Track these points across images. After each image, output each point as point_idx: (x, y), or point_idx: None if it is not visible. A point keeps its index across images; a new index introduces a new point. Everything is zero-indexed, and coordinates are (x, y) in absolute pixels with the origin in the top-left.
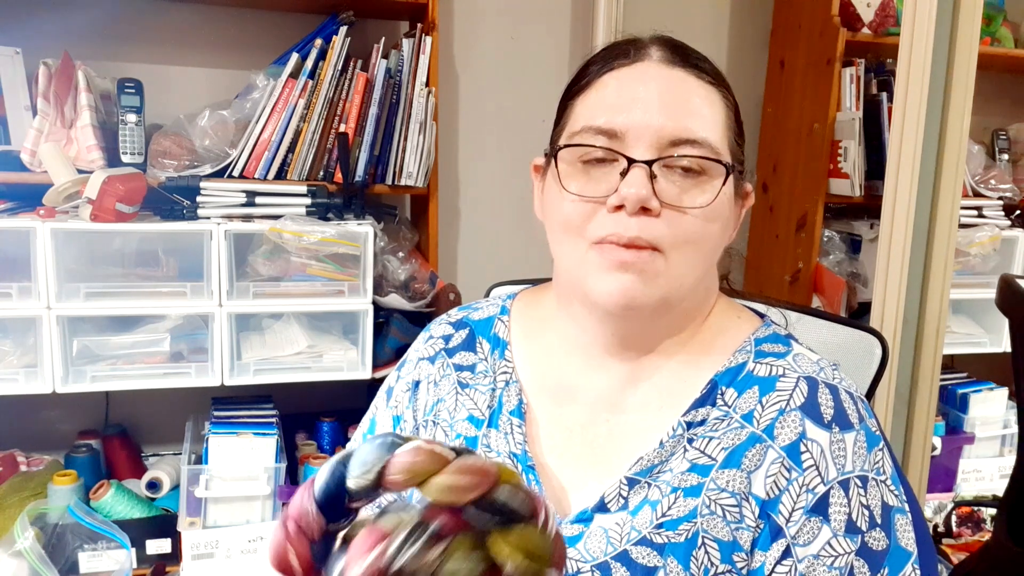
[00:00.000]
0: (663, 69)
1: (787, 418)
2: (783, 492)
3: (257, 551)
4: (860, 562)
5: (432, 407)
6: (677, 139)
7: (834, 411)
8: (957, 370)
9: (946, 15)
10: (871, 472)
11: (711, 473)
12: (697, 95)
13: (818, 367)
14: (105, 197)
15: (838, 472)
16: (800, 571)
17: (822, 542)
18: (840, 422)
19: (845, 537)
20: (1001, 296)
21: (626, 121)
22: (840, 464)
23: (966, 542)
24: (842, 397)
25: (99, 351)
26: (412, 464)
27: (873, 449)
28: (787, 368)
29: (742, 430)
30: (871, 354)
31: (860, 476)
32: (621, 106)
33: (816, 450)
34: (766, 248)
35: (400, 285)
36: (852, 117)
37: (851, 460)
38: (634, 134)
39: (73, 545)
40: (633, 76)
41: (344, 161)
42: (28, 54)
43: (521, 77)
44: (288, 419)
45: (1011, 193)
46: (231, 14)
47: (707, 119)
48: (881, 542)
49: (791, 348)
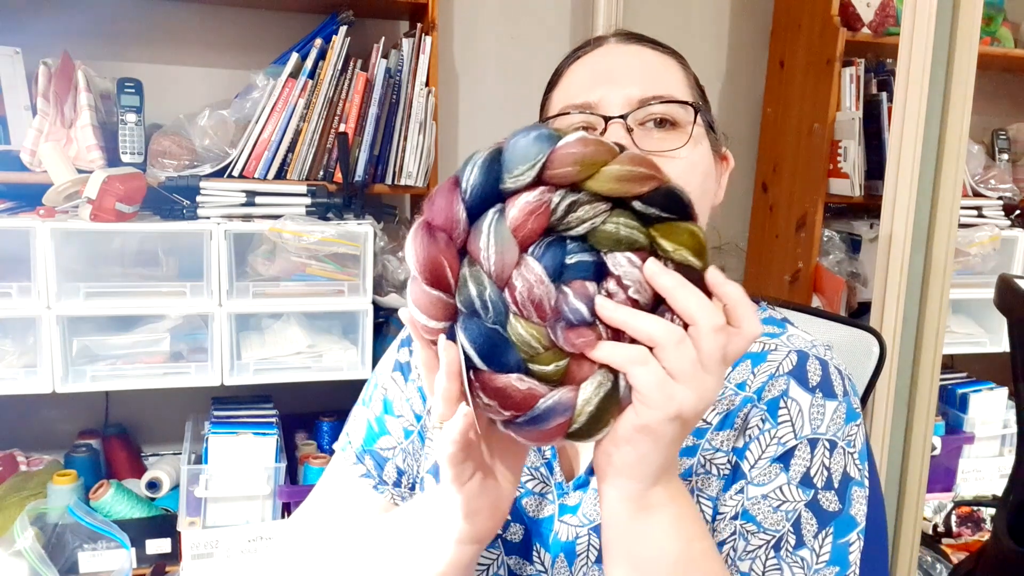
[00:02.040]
0: (621, 46)
1: (776, 381)
2: (753, 440)
3: (257, 551)
4: (808, 515)
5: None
6: (645, 97)
7: (821, 379)
8: (957, 370)
9: (946, 15)
10: (841, 441)
11: (706, 435)
12: (656, 61)
13: (811, 344)
14: (105, 197)
15: (811, 431)
16: (745, 507)
17: (775, 486)
18: (824, 390)
19: (798, 487)
20: (1000, 296)
21: (597, 93)
22: (815, 425)
23: (966, 542)
24: (830, 370)
25: (99, 351)
26: (582, 155)
27: (850, 423)
28: (779, 344)
29: (736, 396)
30: (869, 353)
31: (830, 440)
32: (590, 82)
33: (795, 408)
34: (766, 248)
35: (400, 285)
36: (852, 117)
37: (826, 425)
38: (606, 102)
39: (73, 545)
40: (596, 57)
41: (344, 161)
42: (28, 54)
43: (521, 77)
44: (288, 419)
45: (1011, 193)
46: (231, 14)
47: (668, 79)
48: (833, 504)
49: (785, 330)
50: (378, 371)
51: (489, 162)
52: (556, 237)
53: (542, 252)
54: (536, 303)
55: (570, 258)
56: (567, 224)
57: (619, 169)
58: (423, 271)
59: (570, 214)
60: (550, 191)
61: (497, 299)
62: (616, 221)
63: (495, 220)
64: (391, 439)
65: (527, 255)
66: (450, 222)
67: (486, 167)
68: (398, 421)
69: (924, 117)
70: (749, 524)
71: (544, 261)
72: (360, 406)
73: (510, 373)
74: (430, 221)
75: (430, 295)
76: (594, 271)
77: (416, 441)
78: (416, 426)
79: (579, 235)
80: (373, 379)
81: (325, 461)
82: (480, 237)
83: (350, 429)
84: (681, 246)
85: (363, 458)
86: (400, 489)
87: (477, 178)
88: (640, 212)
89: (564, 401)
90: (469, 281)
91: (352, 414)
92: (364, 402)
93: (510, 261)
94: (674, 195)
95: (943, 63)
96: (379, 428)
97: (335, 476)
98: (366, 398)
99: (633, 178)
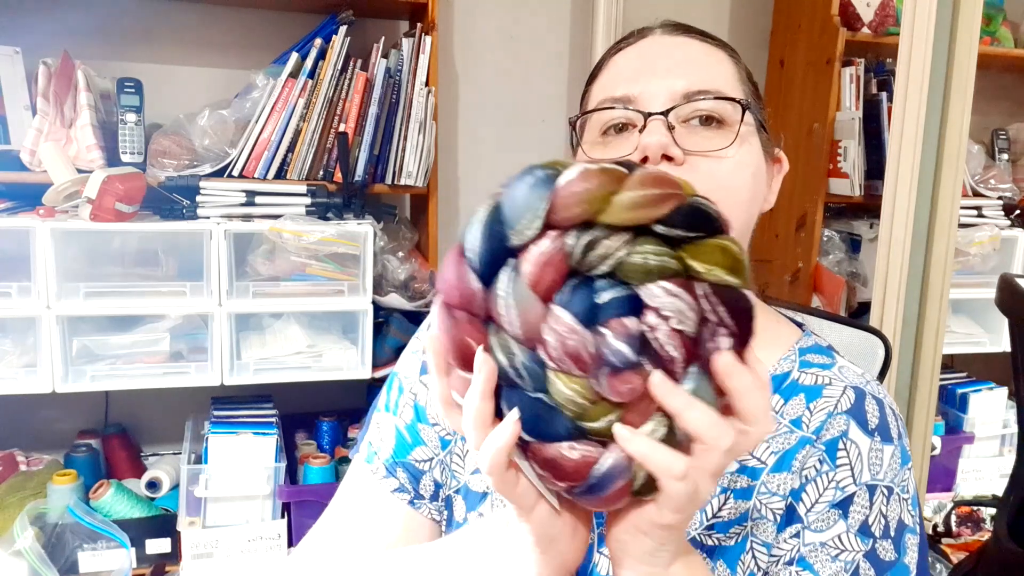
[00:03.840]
0: (667, 37)
1: (834, 420)
2: (810, 482)
3: (257, 551)
4: (867, 565)
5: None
6: (689, 92)
7: (879, 421)
8: (957, 370)
9: (946, 15)
10: (897, 487)
11: (761, 476)
12: (704, 53)
13: (863, 379)
14: (105, 197)
15: (871, 477)
16: (802, 553)
17: (834, 534)
18: (882, 433)
19: (857, 536)
20: (1001, 296)
21: (638, 86)
22: (874, 471)
23: (965, 542)
24: (887, 411)
25: (99, 351)
26: (586, 191)
27: (904, 467)
28: (833, 378)
29: (791, 435)
30: (874, 354)
31: (887, 486)
32: (632, 75)
33: (854, 451)
34: (766, 247)
35: (400, 285)
36: (852, 117)
37: (884, 470)
38: (647, 95)
39: (73, 545)
40: (640, 49)
41: (344, 161)
42: (28, 53)
43: (521, 77)
44: (288, 419)
45: (1011, 193)
46: (231, 14)
47: (717, 72)
48: (890, 553)
49: (835, 360)
50: (401, 373)
51: (490, 223)
52: (581, 279)
53: (569, 298)
54: (573, 355)
55: (600, 297)
56: (589, 264)
57: (631, 196)
58: (454, 357)
59: (589, 254)
60: (562, 235)
61: (531, 363)
62: (642, 251)
63: (510, 281)
64: (427, 450)
65: (553, 304)
66: (466, 298)
67: (487, 229)
68: (433, 430)
69: (924, 117)
70: (806, 572)
71: (573, 307)
72: (383, 412)
73: (560, 441)
74: (447, 301)
75: (468, 380)
76: (630, 305)
77: (457, 450)
78: (454, 435)
79: (605, 272)
80: (395, 382)
81: (325, 461)
82: (499, 302)
83: (374, 438)
84: (714, 265)
85: (394, 470)
86: (438, 503)
87: (481, 244)
88: (665, 235)
89: (619, 463)
90: (498, 352)
91: (373, 421)
92: (389, 408)
93: (536, 318)
94: (698, 211)
95: (943, 63)
96: (412, 438)
97: (361, 491)
98: (390, 404)
99: (648, 202)
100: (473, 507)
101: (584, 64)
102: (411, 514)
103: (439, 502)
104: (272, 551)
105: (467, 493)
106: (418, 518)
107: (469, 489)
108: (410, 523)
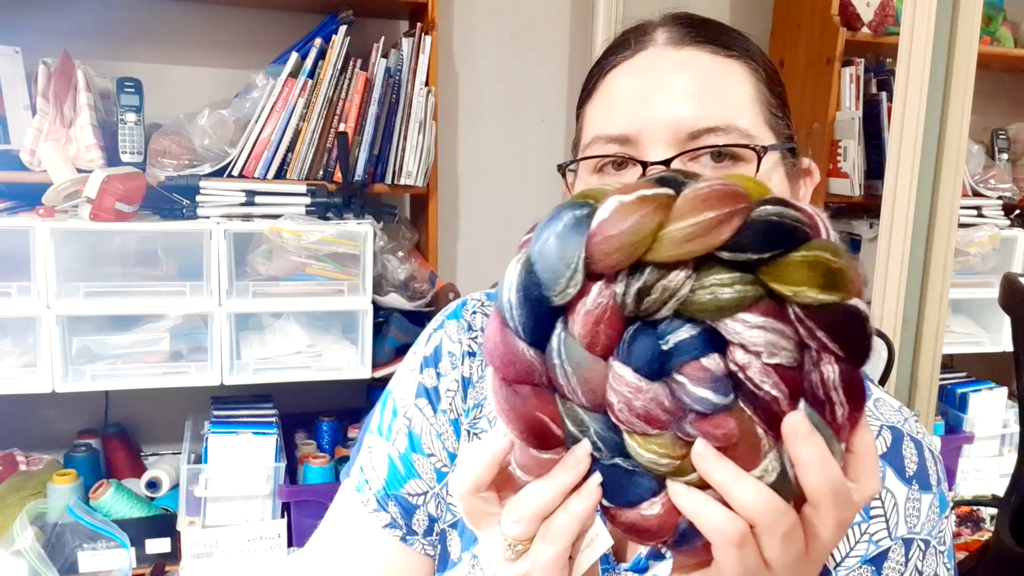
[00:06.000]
0: (669, 53)
1: None
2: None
3: (257, 551)
4: None
5: (468, 412)
6: (696, 130)
7: (917, 467)
8: (956, 370)
9: (946, 15)
10: (934, 540)
11: None
12: (713, 75)
13: (902, 416)
14: (104, 196)
15: (907, 530)
16: None
17: None
18: (920, 480)
19: None
20: (1004, 295)
21: (636, 123)
22: (911, 523)
23: (966, 542)
24: (925, 455)
25: (98, 350)
26: (624, 233)
27: (942, 516)
28: (869, 414)
29: None
30: (877, 356)
31: (924, 540)
32: (627, 106)
33: (889, 502)
34: None
35: (399, 284)
36: (852, 117)
37: (921, 523)
38: (647, 135)
39: (72, 544)
40: (637, 69)
41: (344, 160)
42: (27, 53)
43: (521, 76)
44: (288, 418)
45: (1010, 193)
46: (231, 13)
47: (729, 99)
48: None
49: (871, 391)
50: (396, 394)
51: (525, 284)
52: (639, 326)
53: (628, 351)
54: (643, 415)
55: (668, 342)
56: (647, 310)
57: (682, 229)
58: (526, 437)
59: (645, 299)
60: (610, 283)
61: (603, 430)
62: (708, 286)
63: (562, 344)
64: (421, 483)
65: (614, 360)
66: (523, 370)
67: (523, 293)
68: (429, 461)
69: (924, 117)
70: None
71: (634, 362)
72: (375, 436)
73: (641, 503)
74: (504, 377)
75: (542, 459)
76: (706, 343)
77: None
78: (451, 467)
79: (667, 315)
80: (389, 403)
81: (325, 461)
82: (556, 371)
83: (365, 464)
84: (801, 285)
85: (386, 504)
86: (432, 537)
87: (521, 311)
88: (733, 262)
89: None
90: (568, 423)
91: (366, 443)
92: (382, 432)
93: (598, 381)
94: (769, 225)
95: (943, 63)
96: (406, 470)
97: (351, 523)
98: (383, 427)
99: (704, 231)
100: (468, 546)
101: (584, 64)
102: (403, 550)
103: (433, 536)
104: (272, 551)
105: (463, 529)
106: (411, 554)
107: (465, 526)
108: (402, 560)
